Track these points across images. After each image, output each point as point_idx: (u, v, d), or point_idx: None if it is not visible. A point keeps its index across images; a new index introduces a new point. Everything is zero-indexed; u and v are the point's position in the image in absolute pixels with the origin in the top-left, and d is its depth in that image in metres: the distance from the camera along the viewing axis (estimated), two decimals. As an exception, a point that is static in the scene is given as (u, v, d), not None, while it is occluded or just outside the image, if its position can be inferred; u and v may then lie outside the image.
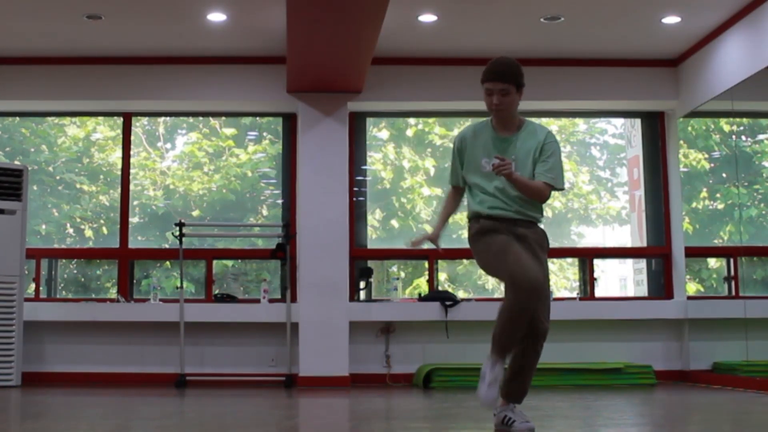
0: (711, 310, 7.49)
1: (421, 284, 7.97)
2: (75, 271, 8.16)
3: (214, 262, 7.91)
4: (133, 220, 8.04)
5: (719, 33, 7.05)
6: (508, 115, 3.92)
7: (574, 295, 7.97)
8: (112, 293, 7.87)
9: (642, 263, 8.25)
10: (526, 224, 3.90)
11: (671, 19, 6.92)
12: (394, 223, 8.12)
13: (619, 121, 8.61)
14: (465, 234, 8.13)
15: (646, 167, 8.15)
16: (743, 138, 7.35)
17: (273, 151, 8.20)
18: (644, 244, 8.12)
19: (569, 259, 8.41)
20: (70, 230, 8.11)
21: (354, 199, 7.90)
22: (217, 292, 7.82)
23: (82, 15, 6.74)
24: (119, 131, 8.07)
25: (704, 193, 7.91)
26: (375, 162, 8.15)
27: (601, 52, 7.68)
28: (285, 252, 7.44)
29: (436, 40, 7.33)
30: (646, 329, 7.67)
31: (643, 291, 8.17)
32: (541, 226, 3.98)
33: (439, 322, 7.48)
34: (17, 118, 8.20)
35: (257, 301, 7.62)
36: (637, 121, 8.27)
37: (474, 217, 3.96)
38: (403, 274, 8.17)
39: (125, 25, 6.98)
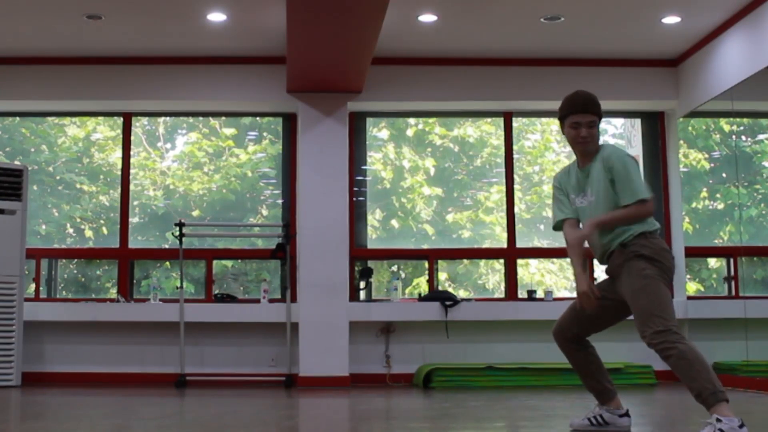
0: (711, 310, 7.48)
1: (421, 284, 7.97)
2: (75, 271, 8.15)
3: (214, 262, 7.91)
4: (133, 220, 8.04)
5: (719, 33, 7.05)
6: (593, 147, 3.95)
7: (575, 295, 7.95)
8: (112, 293, 7.87)
9: (642, 263, 8.23)
10: (613, 255, 4.01)
11: (671, 19, 6.92)
12: (394, 223, 8.12)
13: (619, 121, 8.60)
14: (465, 234, 8.18)
15: (646, 167, 8.14)
16: (743, 138, 7.34)
17: (273, 151, 8.19)
18: (644, 244, 8.10)
19: (569, 259, 8.40)
20: (70, 230, 8.11)
21: (354, 199, 7.90)
22: (217, 292, 7.82)
23: (82, 15, 6.74)
24: (119, 131, 8.07)
25: (704, 193, 7.90)
26: (375, 162, 8.15)
27: (601, 52, 7.67)
28: (285, 252, 7.44)
29: (436, 40, 7.32)
30: (646, 329, 7.65)
31: (643, 291, 8.15)
32: (632, 234, 3.92)
33: (439, 322, 7.49)
34: (17, 118, 8.20)
35: (257, 301, 7.63)
36: (637, 121, 8.27)
37: None
38: (403, 274, 8.17)
39: (125, 25, 6.98)
